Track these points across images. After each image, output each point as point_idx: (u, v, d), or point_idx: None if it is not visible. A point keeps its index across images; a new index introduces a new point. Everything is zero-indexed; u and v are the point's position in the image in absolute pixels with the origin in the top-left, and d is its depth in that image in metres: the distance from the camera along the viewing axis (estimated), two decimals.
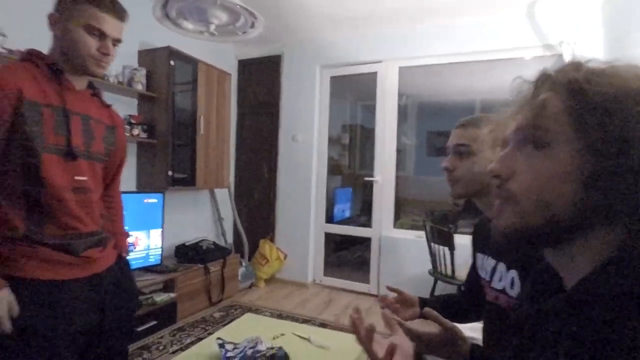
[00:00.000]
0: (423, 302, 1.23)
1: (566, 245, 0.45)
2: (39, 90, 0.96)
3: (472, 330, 1.44)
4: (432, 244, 2.84)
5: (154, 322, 2.50)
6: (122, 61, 2.65)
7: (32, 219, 0.96)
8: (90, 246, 1.05)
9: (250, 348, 1.23)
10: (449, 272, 2.69)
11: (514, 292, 0.90)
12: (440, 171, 1.02)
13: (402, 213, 4.03)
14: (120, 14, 1.03)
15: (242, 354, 1.21)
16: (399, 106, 3.49)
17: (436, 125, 5.39)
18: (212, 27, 1.50)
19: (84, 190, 1.05)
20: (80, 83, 1.07)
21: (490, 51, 3.05)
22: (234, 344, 1.34)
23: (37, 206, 0.96)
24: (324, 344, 1.46)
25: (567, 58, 2.67)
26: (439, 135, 5.51)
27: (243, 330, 1.54)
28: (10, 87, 0.90)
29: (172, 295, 2.66)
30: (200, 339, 2.49)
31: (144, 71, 2.71)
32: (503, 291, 0.93)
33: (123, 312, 1.14)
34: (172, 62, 2.76)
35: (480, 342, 1.39)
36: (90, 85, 1.11)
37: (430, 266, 2.93)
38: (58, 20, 1.00)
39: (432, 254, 2.85)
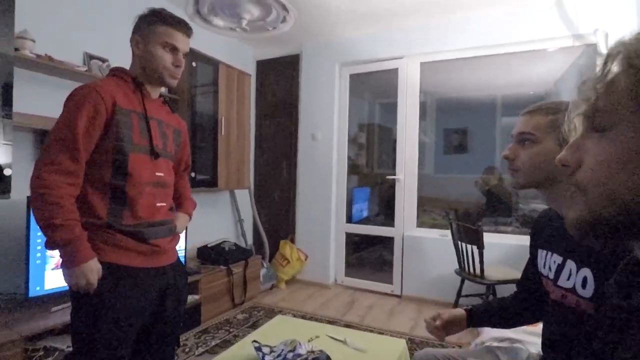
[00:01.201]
0: (469, 313, 1.17)
1: None
2: (128, 99, 1.13)
3: (514, 332, 1.38)
4: (459, 243, 2.77)
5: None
6: None
7: (113, 209, 1.09)
8: (161, 235, 1.17)
9: (289, 351, 1.20)
10: (477, 271, 2.61)
11: (587, 292, 0.84)
12: (501, 160, 0.97)
13: (421, 212, 3.97)
14: (187, 30, 1.18)
15: (281, 357, 1.18)
16: (419, 103, 3.42)
17: (454, 122, 5.29)
18: (244, 23, 1.48)
19: (162, 184, 1.20)
20: (155, 93, 1.23)
21: (515, 43, 2.97)
22: (270, 347, 1.32)
23: (120, 198, 1.09)
24: (360, 346, 1.42)
25: (602, 48, 2.57)
26: (456, 133, 5.42)
27: (276, 332, 1.51)
28: (108, 97, 1.07)
29: (196, 297, 2.65)
30: (225, 341, 2.48)
31: None
32: (572, 290, 0.87)
33: (178, 305, 1.24)
34: (193, 64, 2.76)
35: (523, 344, 1.33)
36: (161, 95, 1.28)
37: (456, 266, 2.86)
38: (139, 42, 1.15)
39: (459, 253, 2.78)
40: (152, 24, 1.14)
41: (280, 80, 3.86)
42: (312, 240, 3.71)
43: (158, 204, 1.17)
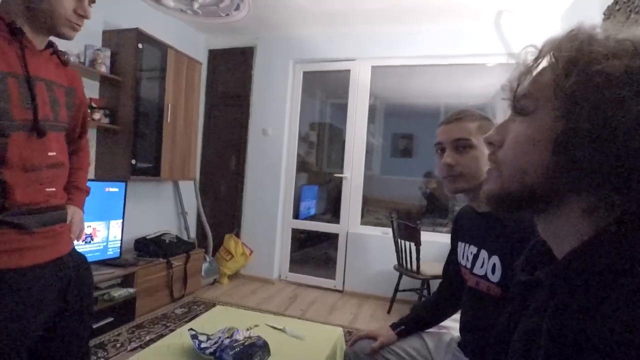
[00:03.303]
0: (396, 326, 1.26)
1: (548, 215, 0.46)
2: (1, 56, 0.83)
3: (451, 320, 1.51)
4: (399, 240, 2.91)
5: (111, 319, 2.36)
6: (84, 40, 2.48)
7: None
8: (52, 222, 0.96)
9: (227, 338, 1.19)
10: (414, 267, 2.77)
11: (495, 277, 0.93)
12: (438, 168, 1.02)
13: (366, 212, 4.11)
14: None
15: (217, 344, 1.17)
16: (369, 106, 3.55)
17: (401, 127, 5.54)
18: (196, 5, 1.43)
19: (55, 166, 0.95)
20: (41, 42, 0.92)
21: (458, 56, 3.19)
22: (207, 335, 1.30)
23: None
24: (298, 334, 1.45)
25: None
26: (403, 138, 5.68)
27: (214, 322, 1.49)
28: None
29: (131, 290, 2.52)
30: (161, 336, 2.38)
31: (108, 52, 2.55)
32: (484, 277, 0.97)
33: (84, 297, 1.05)
34: (140, 46, 2.62)
35: (448, 330, 1.45)
36: (49, 44, 0.96)
37: (395, 262, 3.00)
38: None
39: (398, 250, 2.92)
40: None
41: (232, 71, 3.79)
42: (257, 235, 3.69)
43: (48, 189, 0.93)
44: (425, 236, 2.86)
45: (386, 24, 3.23)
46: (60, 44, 1.00)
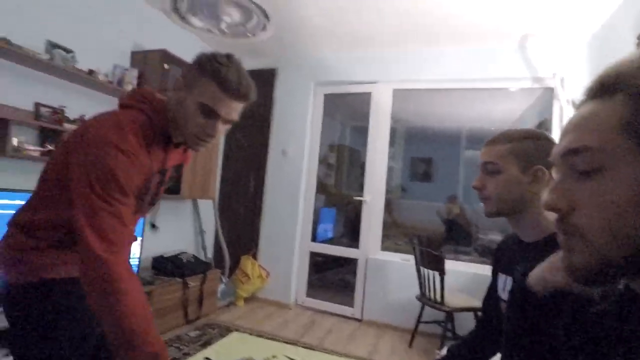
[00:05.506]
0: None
1: None
2: (155, 157, 0.96)
3: None
4: (422, 268, 2.79)
5: None
6: (113, 60, 2.55)
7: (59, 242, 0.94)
8: None
9: None
10: (438, 297, 2.63)
11: None
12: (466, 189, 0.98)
13: (384, 236, 3.99)
14: (243, 97, 0.94)
15: None
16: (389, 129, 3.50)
17: (421, 151, 5.47)
18: (223, 25, 1.44)
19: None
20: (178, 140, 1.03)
21: (481, 80, 3.14)
22: None
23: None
24: None
25: (559, 91, 2.76)
26: (422, 162, 5.60)
27: (230, 350, 1.42)
28: (150, 170, 0.94)
29: None
30: (174, 359, 2.31)
31: (135, 72, 2.61)
32: None
33: None
34: (165, 66, 2.67)
35: None
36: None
37: (417, 291, 2.87)
38: (181, 87, 0.94)
39: (421, 279, 2.80)
40: (202, 73, 0.92)
41: None
42: (274, 258, 3.61)
43: None
44: (448, 265, 2.73)
45: (408, 46, 3.22)
46: (91, 63, 1.06)
